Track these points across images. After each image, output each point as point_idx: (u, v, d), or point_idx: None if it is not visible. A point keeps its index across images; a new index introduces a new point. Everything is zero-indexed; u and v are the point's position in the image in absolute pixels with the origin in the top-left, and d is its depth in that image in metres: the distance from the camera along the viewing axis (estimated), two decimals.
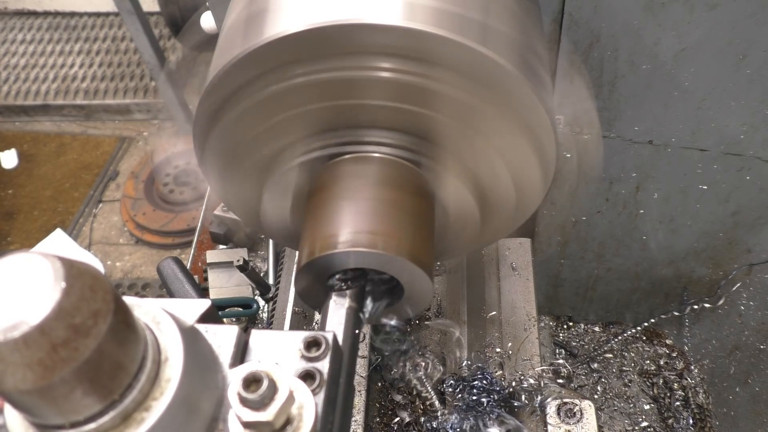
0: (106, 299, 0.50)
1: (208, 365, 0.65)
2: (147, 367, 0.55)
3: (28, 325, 0.45)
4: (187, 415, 0.58)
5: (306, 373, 0.70)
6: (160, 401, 0.55)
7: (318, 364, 0.71)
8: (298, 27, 0.80)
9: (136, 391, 0.54)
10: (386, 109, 0.90)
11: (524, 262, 1.53)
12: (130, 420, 0.54)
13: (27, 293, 0.47)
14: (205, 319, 0.69)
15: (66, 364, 0.47)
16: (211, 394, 0.63)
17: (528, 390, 1.17)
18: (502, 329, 1.41)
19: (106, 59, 4.61)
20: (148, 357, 0.55)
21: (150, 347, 0.56)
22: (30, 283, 0.47)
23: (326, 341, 0.72)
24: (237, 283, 1.83)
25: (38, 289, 0.47)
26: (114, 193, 3.99)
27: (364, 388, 1.24)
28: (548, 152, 0.96)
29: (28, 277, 0.48)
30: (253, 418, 0.56)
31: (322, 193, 0.97)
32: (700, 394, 1.83)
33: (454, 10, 0.82)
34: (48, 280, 0.47)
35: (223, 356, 0.68)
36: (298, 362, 0.71)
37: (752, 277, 1.62)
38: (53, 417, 0.51)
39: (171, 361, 0.57)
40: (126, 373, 0.53)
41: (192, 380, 0.58)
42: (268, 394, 0.56)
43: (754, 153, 1.35)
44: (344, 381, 0.77)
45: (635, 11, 1.13)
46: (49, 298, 0.46)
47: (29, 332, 0.45)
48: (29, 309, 0.46)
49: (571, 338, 2.02)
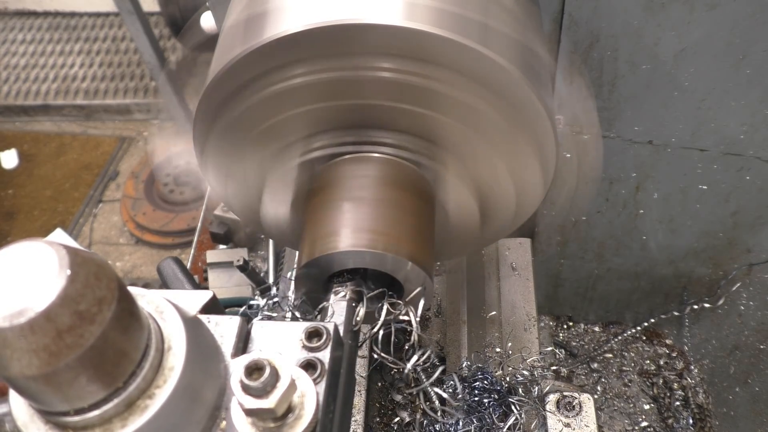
0: (111, 287, 0.51)
1: (210, 354, 0.66)
2: (150, 355, 0.55)
3: (33, 312, 0.46)
4: (190, 403, 0.59)
5: (307, 362, 0.70)
6: (163, 389, 0.56)
7: (319, 354, 0.71)
8: (299, 27, 0.80)
9: (139, 379, 0.54)
10: (386, 109, 0.90)
11: (524, 262, 1.53)
12: (133, 407, 0.54)
13: (32, 280, 0.47)
14: (207, 309, 0.70)
15: (71, 351, 0.47)
16: (213, 383, 0.64)
17: (523, 383, 1.17)
18: (502, 329, 1.41)
19: (106, 59, 4.61)
20: (152, 345, 0.56)
21: (153, 336, 0.57)
22: (35, 270, 0.48)
23: (327, 331, 0.73)
24: (237, 283, 1.84)
25: (44, 276, 0.47)
26: (114, 193, 3.99)
27: (364, 388, 1.24)
28: (548, 152, 0.96)
29: (34, 265, 0.48)
30: (255, 406, 0.56)
31: (322, 193, 0.97)
32: (700, 394, 1.83)
33: (455, 10, 0.82)
34: (53, 268, 0.48)
35: (226, 346, 0.69)
36: (299, 352, 0.72)
37: (752, 277, 1.62)
38: (58, 404, 0.52)
39: (174, 349, 0.58)
40: (130, 360, 0.54)
41: (195, 369, 0.59)
42: (270, 382, 0.56)
43: (754, 153, 1.35)
44: (345, 371, 0.77)
45: (635, 11, 1.13)
46: (55, 285, 0.47)
47: (35, 318, 0.46)
48: (35, 296, 0.46)
49: (571, 338, 2.02)
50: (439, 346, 1.40)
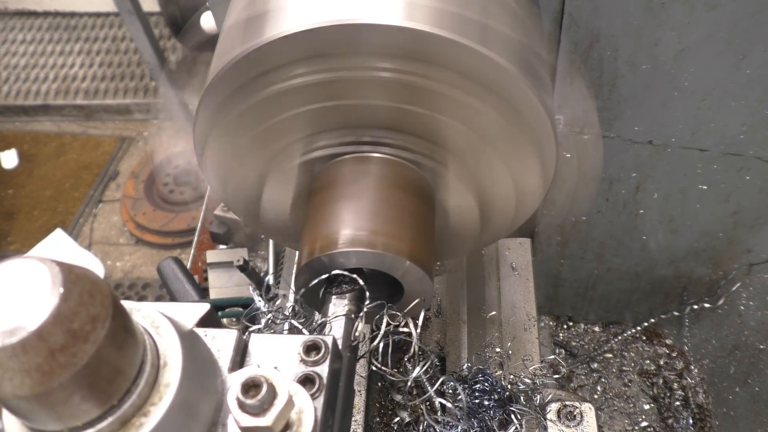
0: (105, 304, 0.50)
1: (207, 369, 0.65)
2: (146, 371, 0.55)
3: (26, 331, 0.45)
4: (186, 420, 0.58)
5: (305, 377, 0.70)
6: (158, 406, 0.55)
7: (317, 368, 0.71)
8: (299, 27, 0.80)
9: (134, 396, 0.53)
10: (387, 109, 0.90)
11: (524, 262, 1.54)
12: (128, 425, 0.53)
13: (25, 298, 0.46)
14: (204, 322, 0.69)
15: (64, 370, 0.47)
16: (210, 399, 0.63)
17: (525, 391, 1.17)
18: (502, 329, 1.41)
19: (107, 59, 4.61)
20: (147, 361, 0.55)
21: (149, 352, 0.56)
22: (28, 288, 0.47)
23: (326, 345, 0.72)
24: (237, 283, 1.83)
25: (36, 294, 0.47)
26: (114, 193, 3.99)
27: (364, 388, 1.23)
28: (548, 152, 0.96)
29: (27, 282, 0.47)
30: (252, 423, 0.56)
31: (322, 193, 0.97)
32: (700, 394, 1.83)
33: (454, 11, 0.82)
34: (46, 285, 0.47)
35: (223, 360, 0.68)
36: (297, 366, 0.71)
37: (752, 277, 1.62)
38: (51, 423, 0.51)
39: (170, 365, 0.57)
40: (125, 377, 0.53)
41: (191, 385, 0.58)
42: (267, 399, 0.56)
43: (754, 153, 1.35)
44: (344, 384, 0.77)
45: (635, 11, 1.13)
46: (48, 304, 0.46)
47: (27, 338, 0.45)
48: (27, 314, 0.46)
49: (571, 338, 2.02)
50: (439, 346, 1.40)
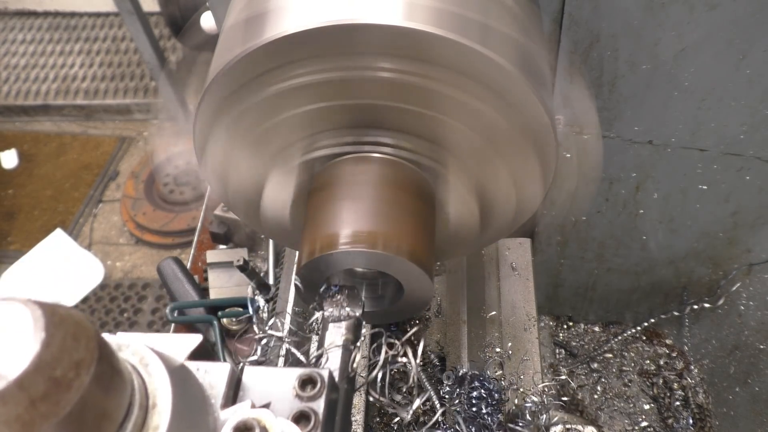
0: (90, 347, 0.48)
1: (198, 407, 0.62)
2: (134, 414, 0.52)
3: (5, 380, 0.43)
4: None
5: (300, 414, 0.67)
6: None
7: (313, 404, 0.68)
8: (298, 27, 0.80)
9: None
10: (386, 109, 0.90)
11: (524, 262, 1.54)
12: None
13: (5, 345, 0.44)
14: (196, 355, 0.66)
15: (46, 420, 0.44)
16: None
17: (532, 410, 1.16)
18: (502, 329, 1.41)
19: (106, 59, 4.61)
20: (135, 403, 0.53)
21: (137, 392, 0.54)
22: (8, 333, 0.45)
23: (321, 379, 0.70)
24: (237, 283, 1.83)
25: (17, 340, 0.44)
26: (114, 193, 3.99)
27: (364, 388, 1.24)
28: (548, 152, 0.96)
29: (7, 327, 0.45)
30: None
31: (322, 193, 0.97)
32: (700, 394, 1.83)
33: (454, 10, 0.82)
34: (28, 330, 0.45)
35: (215, 396, 0.65)
36: (292, 401, 0.69)
37: (752, 277, 1.62)
38: None
39: (159, 406, 0.55)
40: (111, 421, 0.50)
41: (181, 425, 0.56)
42: None
43: (754, 153, 1.35)
44: (340, 419, 0.74)
45: (635, 11, 1.13)
46: (28, 351, 0.44)
47: (7, 388, 0.43)
48: (7, 362, 0.43)
49: (571, 338, 2.02)
50: (439, 346, 1.40)
